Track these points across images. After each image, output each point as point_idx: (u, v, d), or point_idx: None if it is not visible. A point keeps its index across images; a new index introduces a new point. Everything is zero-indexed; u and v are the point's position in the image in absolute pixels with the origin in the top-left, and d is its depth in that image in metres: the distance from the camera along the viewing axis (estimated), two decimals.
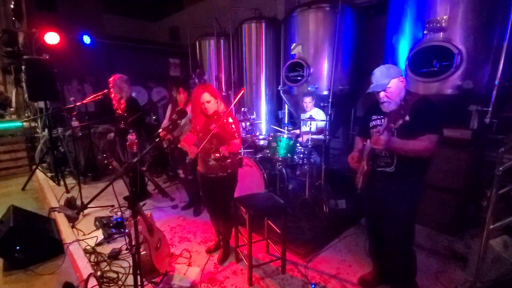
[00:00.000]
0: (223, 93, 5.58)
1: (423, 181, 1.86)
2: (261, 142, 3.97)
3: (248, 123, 3.94)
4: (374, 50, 4.17)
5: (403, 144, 1.65)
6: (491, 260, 1.91)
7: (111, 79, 3.52)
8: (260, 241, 2.70)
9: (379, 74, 1.74)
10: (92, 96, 3.62)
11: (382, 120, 1.78)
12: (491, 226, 1.77)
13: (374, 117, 1.86)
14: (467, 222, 2.83)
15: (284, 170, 3.65)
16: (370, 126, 1.87)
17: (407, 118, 1.49)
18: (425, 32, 2.79)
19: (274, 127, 4.40)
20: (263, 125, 5.05)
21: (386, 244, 1.97)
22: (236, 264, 2.49)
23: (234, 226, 2.50)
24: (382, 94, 1.74)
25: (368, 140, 1.78)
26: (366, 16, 4.26)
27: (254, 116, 4.16)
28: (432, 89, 2.80)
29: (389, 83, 1.69)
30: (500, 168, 1.74)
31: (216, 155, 2.22)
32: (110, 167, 1.80)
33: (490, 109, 2.54)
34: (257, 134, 4.02)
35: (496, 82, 2.51)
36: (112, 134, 4.07)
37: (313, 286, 2.18)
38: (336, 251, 2.68)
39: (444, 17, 2.66)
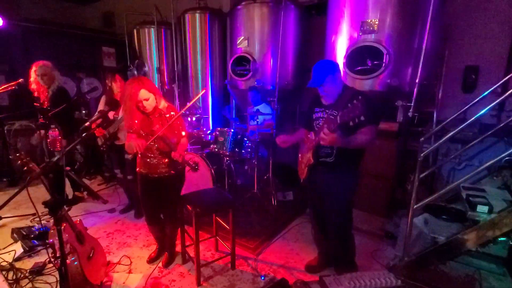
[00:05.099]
0: (166, 87, 5.25)
1: (359, 170, 2.01)
2: (208, 137, 3.86)
3: (194, 118, 3.78)
4: (316, 48, 4.37)
5: (350, 141, 1.73)
6: (415, 236, 2.17)
7: (37, 67, 2.97)
8: (209, 239, 2.62)
9: (317, 70, 1.83)
10: (3, 87, 3.04)
11: (324, 113, 1.87)
12: (415, 206, 2.01)
13: (317, 109, 1.94)
14: (396, 204, 3.19)
15: (232, 165, 3.61)
16: (313, 118, 1.95)
17: (362, 118, 1.49)
18: (360, 33, 3.02)
19: None
20: (210, 119, 4.91)
21: (327, 229, 2.09)
22: (182, 266, 2.37)
23: (180, 226, 2.37)
24: (320, 88, 1.83)
25: (312, 133, 1.85)
26: (308, 15, 4.43)
27: (200, 111, 4.02)
28: (366, 86, 3.05)
29: (324, 79, 1.79)
30: (422, 155, 1.98)
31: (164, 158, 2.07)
32: (26, 168, 1.52)
33: (412, 104, 2.89)
34: (204, 129, 3.88)
35: (417, 80, 2.86)
36: (42, 132, 3.44)
37: (262, 278, 2.20)
38: (285, 241, 2.75)
39: (375, 20, 2.91)
